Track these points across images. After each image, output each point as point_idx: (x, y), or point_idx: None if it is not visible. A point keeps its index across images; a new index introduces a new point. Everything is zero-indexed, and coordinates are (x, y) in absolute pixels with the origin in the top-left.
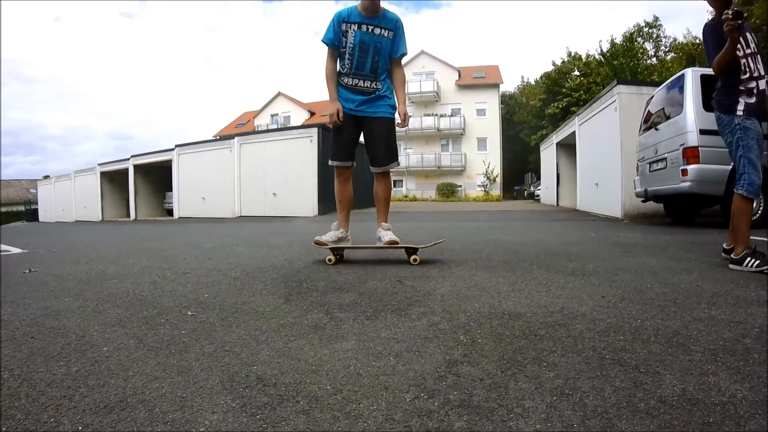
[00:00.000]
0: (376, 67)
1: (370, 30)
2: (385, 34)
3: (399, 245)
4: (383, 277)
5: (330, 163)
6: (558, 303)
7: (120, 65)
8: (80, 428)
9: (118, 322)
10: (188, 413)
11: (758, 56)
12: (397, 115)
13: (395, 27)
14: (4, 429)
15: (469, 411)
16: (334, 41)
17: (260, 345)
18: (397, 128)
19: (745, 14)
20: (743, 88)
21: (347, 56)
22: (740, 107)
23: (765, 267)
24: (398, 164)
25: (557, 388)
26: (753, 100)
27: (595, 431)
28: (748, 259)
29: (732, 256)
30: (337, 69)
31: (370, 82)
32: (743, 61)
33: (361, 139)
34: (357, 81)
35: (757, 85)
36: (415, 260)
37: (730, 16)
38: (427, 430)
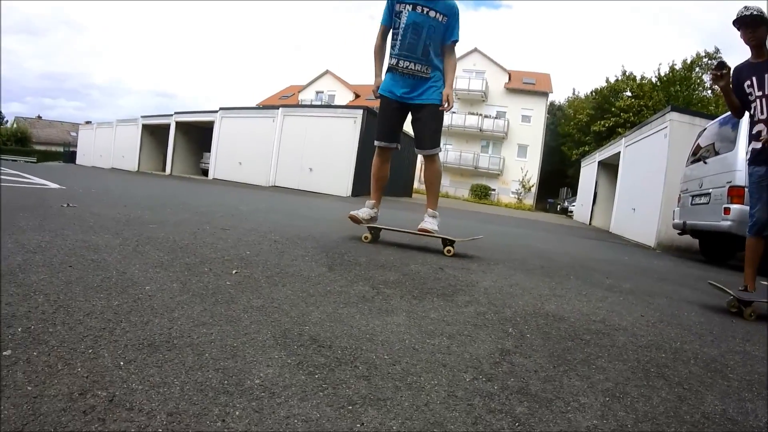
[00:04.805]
0: (427, 51)
1: (425, 12)
2: (440, 18)
3: (432, 235)
4: (424, 262)
5: (375, 143)
6: (599, 314)
7: (175, 25)
8: (122, 363)
9: (159, 264)
10: (241, 363)
11: None
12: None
13: (451, 13)
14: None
15: (529, 398)
16: (386, 21)
17: (309, 306)
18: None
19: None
20: (753, 133)
21: (399, 38)
22: (749, 156)
23: (734, 308)
24: (440, 150)
25: (608, 390)
26: (759, 146)
27: None
28: (733, 297)
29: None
30: (386, 51)
31: (420, 66)
32: (754, 105)
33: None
34: (407, 63)
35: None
36: (449, 251)
37: (713, 67)
38: (490, 411)
